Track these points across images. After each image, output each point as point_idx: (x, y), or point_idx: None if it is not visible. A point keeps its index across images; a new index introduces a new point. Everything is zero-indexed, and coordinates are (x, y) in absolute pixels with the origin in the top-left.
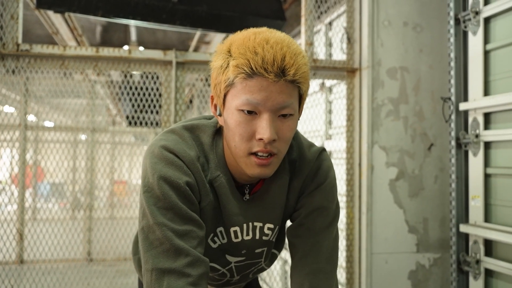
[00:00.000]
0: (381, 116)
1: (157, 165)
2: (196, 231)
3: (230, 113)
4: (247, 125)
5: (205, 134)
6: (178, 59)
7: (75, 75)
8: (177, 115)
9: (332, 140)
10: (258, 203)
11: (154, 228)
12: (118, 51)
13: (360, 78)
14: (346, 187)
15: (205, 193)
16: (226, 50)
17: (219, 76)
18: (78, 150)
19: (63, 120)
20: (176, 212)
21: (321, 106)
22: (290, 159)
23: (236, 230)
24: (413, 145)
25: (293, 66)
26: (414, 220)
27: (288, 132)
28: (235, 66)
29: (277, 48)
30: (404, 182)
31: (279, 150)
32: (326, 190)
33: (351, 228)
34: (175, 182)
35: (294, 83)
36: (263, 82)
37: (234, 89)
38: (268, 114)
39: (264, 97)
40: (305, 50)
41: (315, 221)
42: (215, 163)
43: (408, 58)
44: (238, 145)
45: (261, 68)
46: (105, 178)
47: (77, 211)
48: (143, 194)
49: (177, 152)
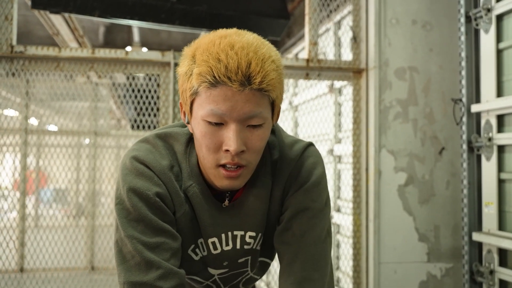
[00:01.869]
0: (389, 119)
1: (127, 177)
2: (168, 242)
3: (196, 122)
4: (214, 136)
5: (178, 143)
6: (177, 60)
7: (76, 77)
8: (176, 118)
9: (341, 144)
10: (238, 211)
11: (125, 241)
12: (115, 52)
13: (367, 79)
14: (353, 192)
15: (179, 203)
16: (190, 55)
17: (184, 83)
18: (81, 155)
19: (65, 123)
20: (146, 224)
21: (330, 108)
22: (272, 160)
23: (214, 241)
24: (423, 149)
25: (260, 73)
26: (425, 227)
27: (258, 142)
28: (198, 74)
29: (242, 54)
30: (413, 188)
31: (249, 161)
32: (309, 189)
33: (358, 236)
34: (144, 194)
35: (261, 91)
36: (227, 92)
37: (199, 98)
38: (235, 125)
39: (229, 107)
40: (309, 50)
41: (299, 224)
42: (188, 172)
43: (417, 58)
44: (205, 156)
45: (224, 76)
46: (107, 184)
47: (79, 218)
48: (115, 207)
49: (148, 162)
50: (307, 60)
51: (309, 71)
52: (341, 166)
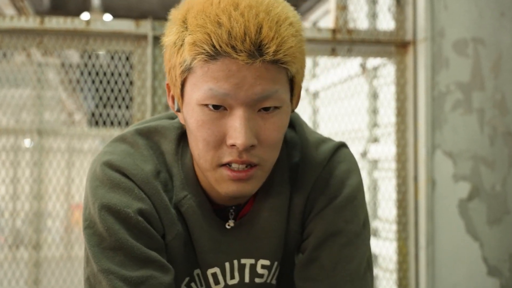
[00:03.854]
0: (445, 109)
1: (98, 190)
2: (157, 276)
3: (190, 109)
4: (214, 125)
5: (166, 140)
6: (157, 32)
7: (11, 56)
8: (155, 111)
9: (379, 143)
10: (246, 232)
11: (100, 277)
12: (71, 21)
13: (414, 55)
14: (396, 210)
15: (170, 222)
16: (180, 20)
17: (172, 57)
18: (19, 161)
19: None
20: (127, 253)
21: (362, 96)
22: (291, 164)
23: (215, 272)
24: (493, 150)
25: (274, 40)
26: (496, 257)
27: (275, 133)
28: (192, 44)
29: (250, 15)
30: (480, 202)
31: (263, 159)
32: (342, 206)
33: (404, 268)
34: (123, 212)
35: (277, 63)
36: (231, 65)
37: (193, 76)
38: (242, 110)
39: (233, 85)
40: (336, 17)
41: (330, 254)
42: (181, 179)
43: (484, 26)
44: (202, 154)
45: (227, 45)
46: (55, 201)
47: (17, 248)
48: (84, 231)
49: (125, 169)
50: (333, 30)
51: (335, 45)
52: (378, 174)
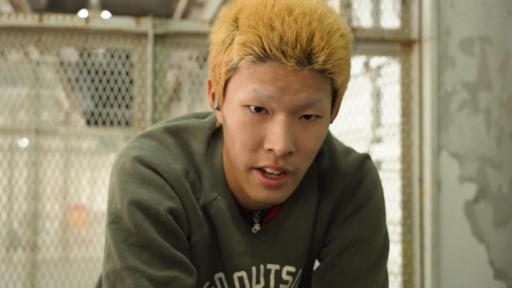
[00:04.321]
0: (451, 109)
1: (127, 185)
2: (182, 278)
3: (231, 108)
4: (254, 128)
5: (197, 140)
6: (157, 30)
7: (9, 54)
8: (156, 110)
9: (381, 144)
10: (272, 237)
11: (123, 274)
12: (70, 19)
13: (420, 54)
14: (401, 212)
15: (197, 223)
16: (232, 19)
17: (219, 54)
18: (16, 161)
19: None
20: (154, 252)
21: (365, 95)
22: (319, 172)
23: (242, 276)
24: (499, 151)
25: (325, 50)
26: (503, 260)
27: (313, 142)
28: (241, 44)
29: (303, 23)
30: (486, 204)
31: (297, 167)
32: (368, 215)
33: (409, 271)
34: (153, 209)
35: (324, 73)
36: (279, 70)
37: (238, 76)
38: (284, 115)
39: (279, 89)
40: (340, 15)
41: (353, 261)
42: (211, 180)
43: (491, 24)
44: (238, 156)
45: (277, 50)
46: (53, 202)
47: (15, 250)
48: (108, 226)
49: (157, 165)
50: None
51: None
52: (382, 175)
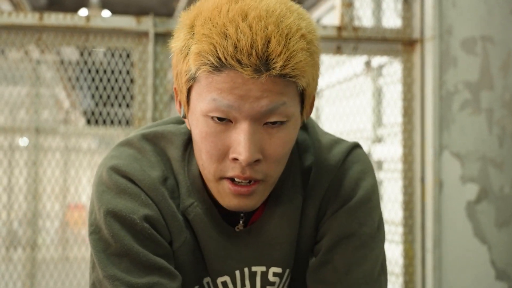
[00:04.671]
0: (453, 109)
1: (104, 195)
2: (164, 283)
3: (194, 118)
4: (217, 138)
5: (173, 146)
6: (158, 29)
7: (9, 52)
8: (157, 110)
9: (382, 144)
10: (257, 238)
11: (105, 283)
12: (71, 18)
13: (422, 54)
14: (403, 212)
15: (178, 229)
16: (188, 25)
17: (179, 63)
18: (17, 160)
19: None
20: (133, 260)
21: (366, 95)
22: (303, 168)
23: (225, 281)
24: (501, 151)
25: (282, 55)
26: (504, 260)
27: (280, 148)
28: (197, 53)
29: (258, 28)
30: (488, 205)
31: (267, 174)
32: (356, 208)
33: (410, 272)
34: (128, 218)
35: (285, 77)
36: (236, 78)
37: (197, 85)
38: (246, 123)
39: (238, 97)
40: (342, 14)
41: (343, 256)
42: (187, 186)
43: (493, 24)
44: (206, 166)
45: (232, 59)
46: (53, 201)
47: (15, 249)
48: (89, 237)
49: (132, 174)
50: (339, 28)
51: (341, 42)
52: (383, 175)
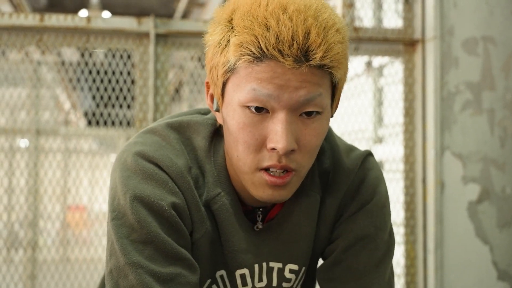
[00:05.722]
0: (454, 109)
1: (130, 181)
2: (185, 275)
3: (231, 110)
4: (255, 128)
5: (200, 136)
6: (159, 30)
7: (10, 53)
8: (158, 111)
9: (383, 144)
10: (275, 235)
11: (126, 270)
12: (72, 19)
13: (423, 54)
14: (404, 213)
15: (200, 219)
16: (226, 19)
17: (216, 56)
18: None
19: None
20: (157, 248)
21: (367, 95)
22: (321, 170)
23: (244, 273)
24: (503, 152)
25: (322, 46)
26: (506, 261)
27: (314, 139)
28: (238, 45)
29: (299, 20)
30: (490, 205)
31: (300, 164)
32: (373, 212)
33: (412, 273)
34: (157, 204)
35: (323, 68)
36: (276, 68)
37: (236, 77)
38: (284, 113)
39: (277, 87)
40: (343, 15)
41: (359, 257)
42: (214, 176)
43: (495, 24)
44: (242, 157)
45: (274, 49)
46: (55, 202)
47: (16, 251)
48: (111, 222)
49: (160, 161)
50: None
51: None
52: (385, 175)
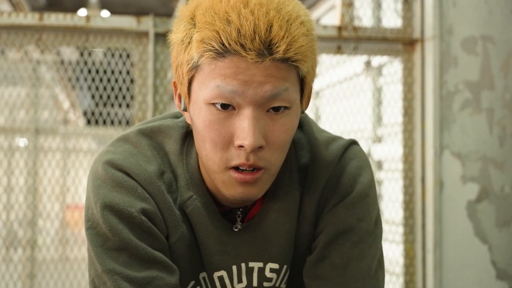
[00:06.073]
0: (454, 109)
1: (100, 190)
2: (162, 277)
3: (197, 108)
4: (221, 125)
5: (171, 139)
6: (158, 29)
7: (9, 52)
8: (157, 110)
9: (382, 143)
10: (254, 235)
11: (104, 278)
12: (71, 18)
13: (422, 54)
14: (403, 212)
15: (174, 223)
16: (188, 17)
17: (180, 54)
18: (17, 161)
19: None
20: (131, 253)
21: (366, 94)
22: (300, 165)
23: (222, 275)
24: (502, 151)
25: (284, 39)
26: (505, 260)
27: (283, 134)
28: (200, 41)
29: (260, 14)
30: (489, 205)
31: (270, 162)
32: (354, 204)
33: (411, 272)
34: (126, 211)
35: (287, 62)
36: (240, 63)
37: (200, 74)
38: (250, 109)
39: (242, 82)
40: (342, 14)
41: (341, 251)
42: (186, 179)
43: (494, 23)
44: (210, 156)
45: (236, 43)
46: (54, 202)
47: (15, 250)
48: (86, 232)
49: (128, 168)
50: (339, 27)
51: (341, 42)
52: (384, 175)
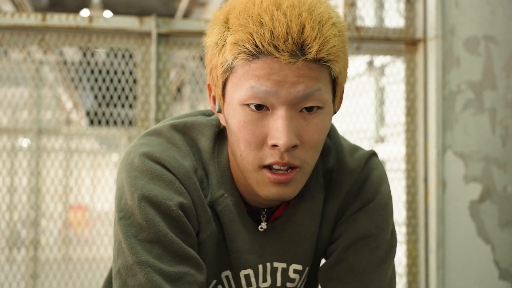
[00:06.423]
0: (456, 109)
1: (137, 181)
2: (193, 274)
3: (231, 109)
4: (255, 126)
5: (204, 137)
6: (161, 30)
7: (12, 53)
8: (159, 110)
9: (385, 143)
10: (279, 236)
11: (135, 269)
12: (74, 18)
13: (424, 53)
14: (406, 212)
15: (206, 220)
16: (222, 20)
17: (214, 57)
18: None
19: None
20: (165, 247)
21: (369, 94)
22: (325, 169)
23: (248, 274)
24: (505, 151)
25: (317, 40)
26: (508, 260)
27: (316, 134)
28: (234, 43)
29: (293, 16)
30: (491, 205)
31: (304, 161)
32: (375, 212)
33: (413, 272)
34: (164, 204)
35: (320, 62)
36: (273, 64)
37: (234, 76)
38: (283, 109)
39: (275, 83)
40: (344, 14)
41: (360, 256)
42: (217, 178)
43: (496, 23)
44: (244, 155)
45: (269, 45)
46: (57, 202)
47: (19, 250)
48: (118, 222)
49: (166, 161)
50: None
51: None
52: (387, 174)
